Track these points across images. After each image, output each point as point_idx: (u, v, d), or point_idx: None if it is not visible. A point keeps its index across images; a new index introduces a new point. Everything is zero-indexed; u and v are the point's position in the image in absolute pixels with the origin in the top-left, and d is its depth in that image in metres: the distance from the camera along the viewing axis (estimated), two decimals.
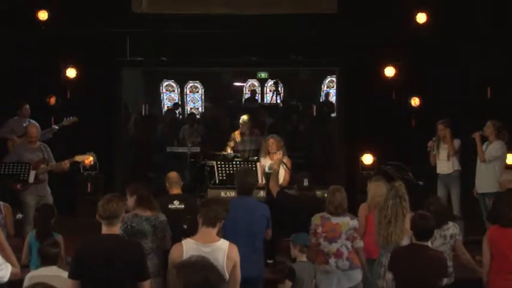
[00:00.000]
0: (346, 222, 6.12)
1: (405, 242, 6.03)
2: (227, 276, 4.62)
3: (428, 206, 6.06)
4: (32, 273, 5.36)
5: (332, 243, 6.08)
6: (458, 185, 8.81)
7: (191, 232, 5.19)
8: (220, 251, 4.64)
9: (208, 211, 4.74)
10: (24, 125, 9.78)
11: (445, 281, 5.98)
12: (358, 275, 6.16)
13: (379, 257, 6.14)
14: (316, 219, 6.18)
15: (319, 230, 6.13)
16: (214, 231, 4.74)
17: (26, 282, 5.22)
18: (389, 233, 6.02)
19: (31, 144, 8.47)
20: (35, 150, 8.42)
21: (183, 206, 6.49)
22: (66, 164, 8.38)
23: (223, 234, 5.08)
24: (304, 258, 5.89)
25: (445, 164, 8.85)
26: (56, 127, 9.25)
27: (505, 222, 5.78)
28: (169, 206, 6.46)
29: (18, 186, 8.08)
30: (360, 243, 6.14)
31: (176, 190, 6.72)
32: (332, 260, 6.07)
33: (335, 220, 6.11)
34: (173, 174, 6.83)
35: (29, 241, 6.33)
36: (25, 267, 6.21)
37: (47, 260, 5.31)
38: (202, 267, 3.20)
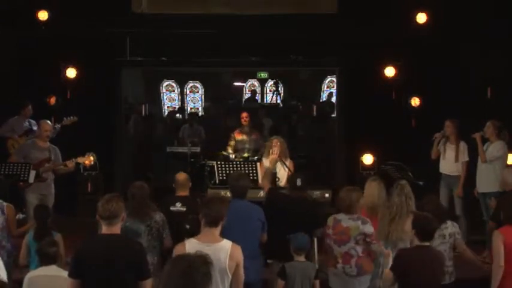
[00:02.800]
0: (357, 226, 5.99)
1: (402, 244, 6.03)
2: (230, 276, 4.62)
3: (423, 206, 6.05)
4: (31, 273, 5.36)
5: (341, 246, 6.00)
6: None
7: (194, 232, 5.20)
8: (223, 250, 4.63)
9: (210, 211, 4.74)
10: (25, 124, 9.82)
11: (446, 280, 6.02)
12: (366, 281, 6.07)
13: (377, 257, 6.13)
14: (329, 220, 6.10)
15: (330, 231, 6.05)
16: (217, 230, 4.74)
17: (25, 282, 5.22)
18: (391, 231, 6.02)
19: (42, 142, 8.45)
20: (44, 150, 8.40)
21: (184, 209, 6.46)
22: (71, 163, 8.37)
23: None
24: (301, 258, 5.87)
25: (451, 164, 8.80)
26: (59, 125, 9.26)
27: None
28: (171, 208, 6.45)
29: (21, 183, 8.08)
30: (376, 247, 5.98)
31: (182, 192, 6.68)
32: (340, 265, 5.99)
33: (345, 223, 6.00)
34: (181, 176, 6.77)
35: (27, 241, 6.32)
36: (24, 268, 6.23)
37: (45, 259, 5.31)
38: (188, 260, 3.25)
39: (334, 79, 13.69)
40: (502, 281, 5.70)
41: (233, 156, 10.11)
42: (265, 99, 16.76)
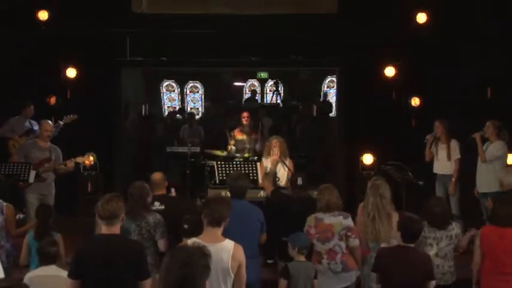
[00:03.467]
0: (339, 222, 6.07)
1: (396, 242, 6.02)
2: (232, 276, 4.62)
3: (433, 207, 6.05)
4: (31, 273, 5.35)
5: (325, 243, 6.05)
6: (457, 186, 8.82)
7: (192, 232, 5.20)
8: (225, 251, 4.63)
9: (212, 211, 4.72)
10: (26, 124, 9.82)
11: (448, 280, 6.02)
12: (351, 277, 6.12)
13: (369, 258, 6.12)
14: (310, 220, 6.15)
15: (312, 231, 6.10)
16: (220, 230, 4.74)
17: (25, 282, 5.21)
18: (378, 230, 6.01)
19: (43, 142, 8.43)
20: (44, 150, 8.39)
21: (163, 207, 6.48)
22: (70, 163, 8.37)
23: None
24: (302, 258, 5.88)
25: (444, 164, 8.85)
26: (61, 122, 9.26)
27: (504, 222, 5.73)
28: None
29: (21, 183, 8.06)
30: (354, 242, 6.06)
31: (159, 191, 6.69)
32: (325, 261, 6.04)
33: (328, 221, 6.07)
34: (156, 176, 6.78)
35: (27, 241, 6.32)
36: (24, 268, 6.23)
37: (46, 258, 5.31)
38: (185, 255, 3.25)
39: (334, 79, 13.69)
40: (485, 277, 5.71)
41: (234, 148, 10.11)
42: (265, 99, 16.76)
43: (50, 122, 8.64)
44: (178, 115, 15.66)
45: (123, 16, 10.73)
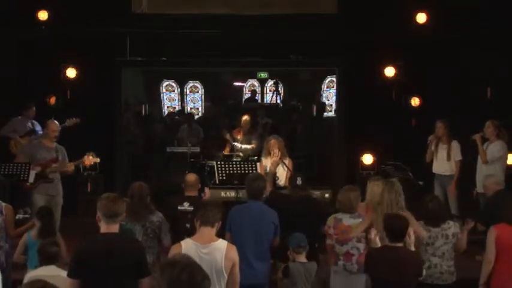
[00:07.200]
0: (358, 224, 5.97)
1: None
2: (225, 276, 4.63)
3: (426, 203, 6.05)
4: (30, 273, 5.35)
5: (343, 245, 5.99)
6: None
7: (193, 232, 5.21)
8: (219, 250, 4.64)
9: (205, 212, 4.77)
10: (28, 125, 9.80)
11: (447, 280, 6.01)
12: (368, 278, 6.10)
13: None
14: (329, 220, 6.07)
15: (331, 231, 6.03)
16: (213, 231, 4.76)
17: (25, 282, 5.21)
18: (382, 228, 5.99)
19: (49, 142, 8.37)
20: (50, 150, 8.32)
21: (192, 208, 6.50)
22: (70, 166, 8.35)
23: (231, 239, 5.11)
24: (300, 258, 5.87)
25: (443, 164, 8.84)
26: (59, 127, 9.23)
27: None
28: (179, 207, 6.51)
29: (28, 184, 8.02)
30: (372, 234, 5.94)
31: (191, 192, 6.73)
32: (341, 262, 5.99)
33: (347, 222, 6.00)
34: (190, 177, 6.83)
35: (25, 240, 6.30)
36: (20, 266, 6.23)
37: (46, 259, 5.30)
38: (186, 265, 3.20)
39: (334, 79, 13.68)
40: (497, 277, 5.70)
41: (239, 145, 10.11)
42: (265, 99, 16.74)
43: (56, 122, 8.56)
44: (177, 116, 15.65)
45: (123, 16, 10.73)
